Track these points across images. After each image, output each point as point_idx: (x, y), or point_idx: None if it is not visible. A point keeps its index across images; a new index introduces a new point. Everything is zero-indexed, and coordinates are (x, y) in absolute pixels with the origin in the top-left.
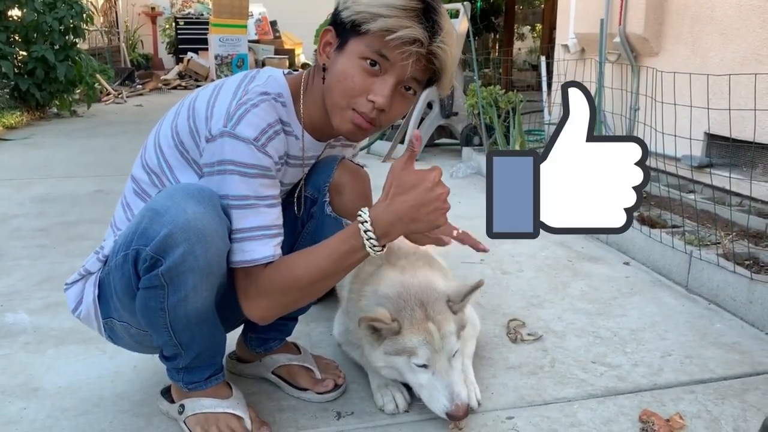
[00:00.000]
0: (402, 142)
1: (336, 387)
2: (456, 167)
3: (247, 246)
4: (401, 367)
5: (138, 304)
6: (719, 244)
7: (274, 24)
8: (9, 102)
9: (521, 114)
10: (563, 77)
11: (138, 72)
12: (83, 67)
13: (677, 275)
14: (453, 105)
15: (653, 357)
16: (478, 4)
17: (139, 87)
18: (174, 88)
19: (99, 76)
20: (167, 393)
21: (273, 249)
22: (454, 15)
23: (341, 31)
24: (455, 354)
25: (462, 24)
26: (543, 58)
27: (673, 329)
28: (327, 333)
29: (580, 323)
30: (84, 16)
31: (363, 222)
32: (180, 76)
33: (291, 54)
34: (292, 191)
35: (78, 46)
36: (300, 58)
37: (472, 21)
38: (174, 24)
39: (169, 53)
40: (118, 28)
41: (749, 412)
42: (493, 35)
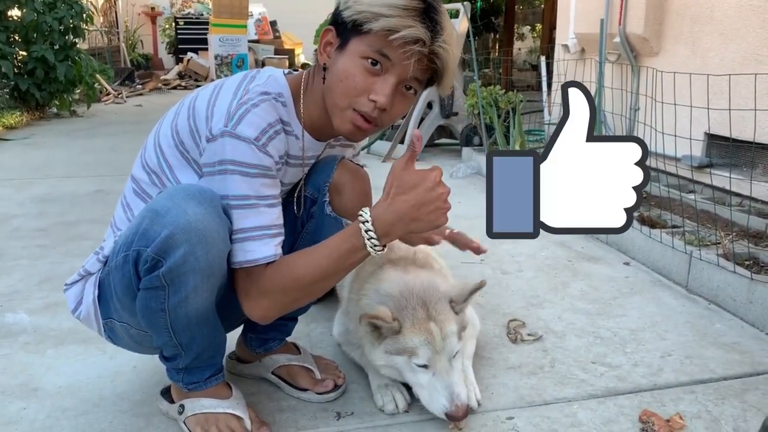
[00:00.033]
0: (402, 142)
1: (336, 387)
2: (456, 167)
3: (248, 246)
4: (401, 367)
5: (138, 304)
6: (719, 244)
7: (274, 24)
8: (9, 102)
9: (521, 114)
10: (563, 77)
11: (138, 72)
12: (83, 67)
13: (677, 275)
14: (453, 105)
15: (653, 357)
16: (478, 4)
17: (139, 87)
18: (174, 88)
19: (99, 76)
20: (167, 393)
21: (274, 249)
22: (454, 15)
23: (342, 31)
24: (456, 354)
25: (462, 24)
26: (543, 58)
27: (673, 329)
28: (327, 333)
29: (580, 323)
30: (84, 16)
31: (364, 221)
32: (180, 76)
33: (291, 54)
34: (292, 191)
35: (78, 46)
36: (300, 58)
37: (471, 21)
38: (174, 24)
39: (169, 53)
40: (117, 28)
41: (749, 412)
42: (493, 35)
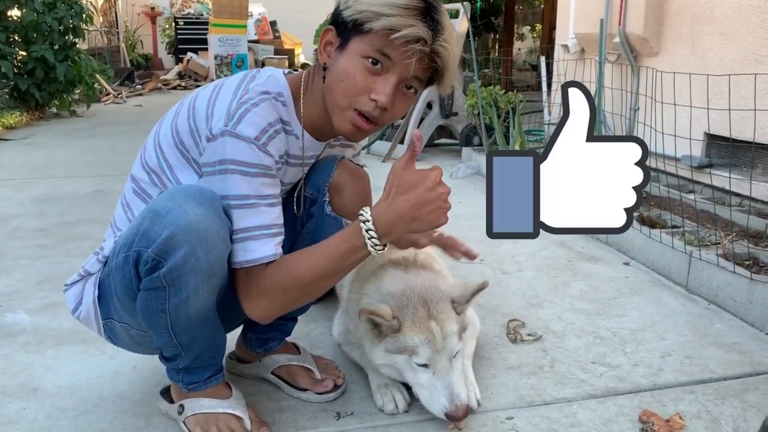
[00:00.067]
0: (402, 142)
1: (336, 387)
2: (456, 167)
3: (249, 246)
4: (401, 366)
5: (139, 305)
6: (719, 244)
7: (273, 24)
8: (8, 102)
9: (521, 114)
10: (563, 77)
11: (137, 72)
12: (83, 67)
13: (677, 275)
14: (453, 105)
15: (653, 357)
16: (477, 4)
17: (139, 87)
18: (174, 88)
19: (98, 76)
20: (167, 393)
21: (274, 248)
22: (454, 15)
23: (342, 31)
24: (456, 354)
25: (462, 24)
26: (543, 58)
27: (673, 329)
28: (327, 333)
29: (579, 323)
30: (83, 16)
31: (365, 221)
32: (180, 76)
33: (291, 54)
34: (292, 191)
35: (77, 46)
36: (300, 58)
37: (471, 21)
38: (174, 24)
39: (169, 53)
40: (117, 28)
41: (749, 412)
42: (493, 35)
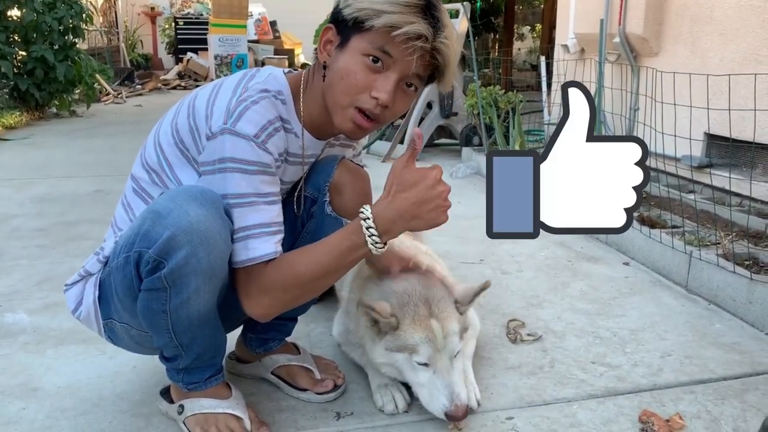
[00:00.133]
0: (402, 142)
1: (335, 387)
2: (456, 167)
3: (249, 244)
4: (402, 365)
5: (139, 305)
6: (719, 244)
7: (273, 24)
8: (8, 102)
9: (521, 114)
10: (563, 77)
11: (137, 72)
12: (83, 67)
13: (677, 275)
14: (453, 105)
15: (653, 357)
16: (477, 4)
17: (139, 87)
18: (173, 88)
19: (98, 76)
20: (166, 393)
21: (274, 246)
22: (453, 15)
23: (343, 29)
24: (457, 354)
25: (462, 24)
26: (543, 58)
27: (673, 329)
28: (327, 333)
29: (579, 323)
30: (83, 16)
31: (365, 219)
32: (179, 76)
33: (290, 54)
34: (292, 190)
35: (77, 46)
36: (299, 58)
37: (471, 21)
38: (173, 24)
39: (169, 53)
40: (117, 28)
41: (749, 412)
42: (493, 35)
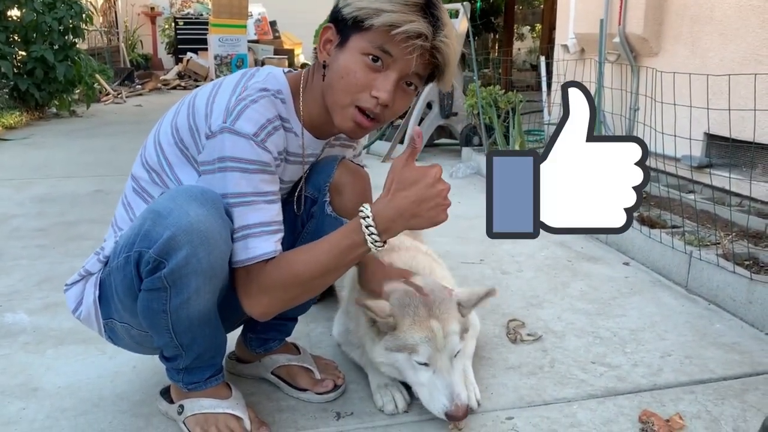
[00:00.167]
0: (402, 142)
1: (335, 387)
2: (456, 167)
3: (248, 243)
4: (402, 365)
5: (140, 305)
6: (719, 244)
7: (273, 24)
8: (8, 102)
9: (521, 114)
10: (563, 77)
11: (137, 72)
12: (82, 67)
13: (677, 275)
14: (452, 105)
15: (653, 357)
16: (477, 4)
17: (139, 87)
18: (173, 88)
19: (98, 76)
20: (166, 393)
21: (274, 245)
22: (453, 15)
23: (342, 28)
24: (457, 354)
25: (462, 24)
26: (543, 58)
27: (673, 329)
28: (327, 333)
29: (579, 323)
30: (83, 16)
31: (365, 217)
32: (179, 76)
33: (290, 54)
34: (292, 190)
35: (77, 46)
36: (299, 58)
37: (471, 21)
38: (173, 24)
39: (169, 53)
40: (117, 28)
41: (749, 412)
42: (493, 35)
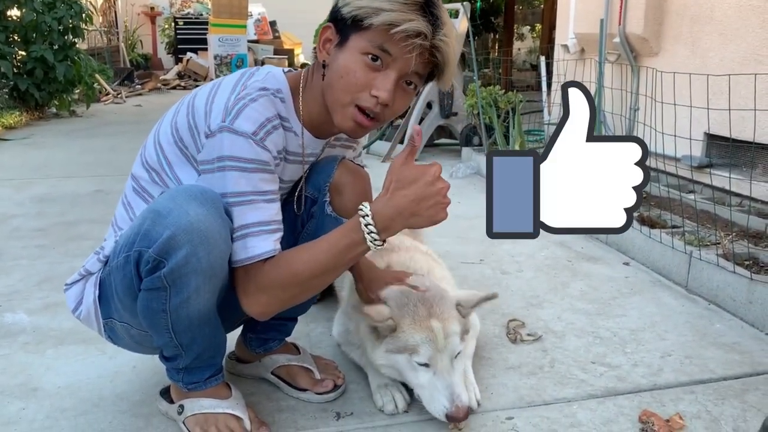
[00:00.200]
0: (401, 142)
1: (335, 387)
2: (455, 167)
3: (247, 242)
4: (402, 366)
5: (139, 305)
6: (719, 244)
7: (273, 24)
8: (8, 102)
9: (521, 114)
10: (563, 77)
11: (137, 72)
12: (82, 67)
13: (677, 275)
14: (452, 105)
15: (653, 357)
16: (477, 4)
17: (138, 87)
18: (173, 88)
19: (98, 76)
20: (166, 393)
21: (273, 244)
22: (453, 15)
23: (342, 27)
24: (458, 355)
25: (462, 24)
26: (543, 58)
27: (673, 329)
28: (327, 333)
29: (579, 323)
30: (83, 16)
31: (364, 216)
32: (179, 76)
33: (290, 54)
34: (292, 190)
35: (77, 46)
36: (299, 58)
37: (471, 21)
38: (173, 24)
39: (169, 53)
40: (117, 28)
41: (749, 412)
42: (493, 35)
